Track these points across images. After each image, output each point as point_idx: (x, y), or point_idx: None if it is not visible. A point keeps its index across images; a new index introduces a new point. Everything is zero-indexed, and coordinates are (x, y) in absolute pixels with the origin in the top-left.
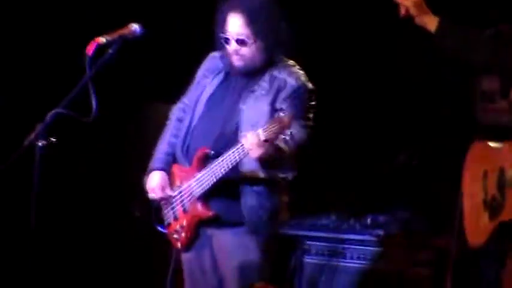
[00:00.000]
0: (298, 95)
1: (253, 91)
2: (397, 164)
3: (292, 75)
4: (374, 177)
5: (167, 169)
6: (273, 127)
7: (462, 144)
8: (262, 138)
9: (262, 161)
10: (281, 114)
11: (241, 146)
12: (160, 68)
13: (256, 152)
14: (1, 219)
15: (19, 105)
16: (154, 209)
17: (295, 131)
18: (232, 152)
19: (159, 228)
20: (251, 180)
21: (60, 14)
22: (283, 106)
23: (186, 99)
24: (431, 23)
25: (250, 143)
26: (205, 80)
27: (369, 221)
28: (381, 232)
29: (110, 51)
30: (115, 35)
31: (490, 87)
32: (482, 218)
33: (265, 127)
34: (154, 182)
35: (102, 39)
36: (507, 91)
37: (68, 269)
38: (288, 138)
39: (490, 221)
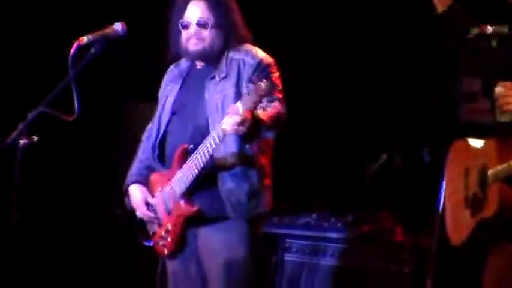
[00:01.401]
0: (261, 71)
1: (213, 77)
2: (394, 166)
3: (249, 53)
4: (355, 175)
5: (142, 180)
6: (250, 96)
7: (444, 143)
8: (241, 110)
9: (245, 136)
10: (257, 82)
11: (216, 132)
12: (144, 67)
13: (241, 129)
14: None
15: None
16: (138, 224)
17: (268, 104)
18: (208, 141)
19: (146, 243)
20: (227, 165)
21: (42, 14)
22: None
23: (154, 118)
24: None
25: (232, 123)
26: (167, 91)
27: (349, 219)
28: (361, 230)
29: (93, 50)
30: (97, 35)
31: (472, 88)
32: (463, 215)
33: (242, 98)
34: (137, 198)
35: (84, 39)
36: (489, 90)
37: (49, 271)
38: (265, 105)
39: (472, 218)
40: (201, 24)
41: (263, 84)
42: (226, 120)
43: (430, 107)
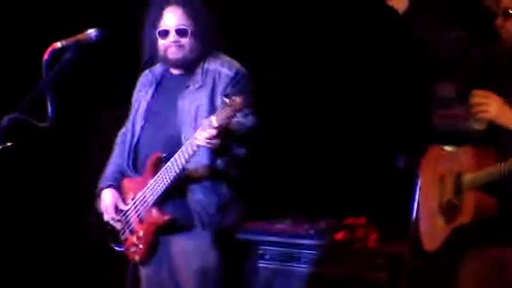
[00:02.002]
0: (236, 82)
1: (187, 87)
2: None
3: (225, 64)
4: (329, 181)
5: (116, 185)
6: (225, 111)
7: (418, 149)
8: (215, 124)
9: (217, 150)
10: (232, 97)
11: (189, 143)
12: (114, 73)
13: (214, 143)
14: None
15: None
16: (109, 229)
17: (242, 120)
18: (181, 152)
19: (116, 248)
20: (197, 176)
21: (16, 19)
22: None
23: (127, 123)
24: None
25: (206, 136)
26: (140, 95)
27: (323, 225)
28: (335, 237)
29: (66, 56)
30: (72, 40)
31: (446, 93)
32: (438, 222)
33: (217, 112)
34: (107, 202)
35: (58, 44)
36: (464, 96)
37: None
38: (240, 120)
39: (446, 225)
40: (181, 32)
41: (238, 99)
42: (199, 132)
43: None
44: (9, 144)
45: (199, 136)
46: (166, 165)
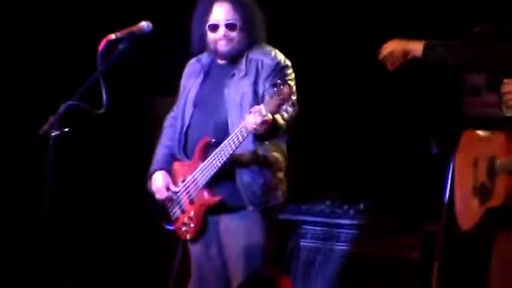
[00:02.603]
0: (278, 73)
1: (233, 75)
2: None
3: (267, 54)
4: (367, 165)
5: (167, 168)
6: (274, 100)
7: (450, 135)
8: (264, 112)
9: (263, 136)
10: (280, 86)
11: (239, 129)
12: (166, 63)
13: (260, 129)
14: (15, 209)
15: (33, 99)
16: (160, 209)
17: (289, 108)
18: (231, 138)
19: (167, 227)
20: (244, 161)
21: (74, 11)
22: (267, 84)
23: (176, 107)
24: (417, 49)
25: (254, 122)
26: (189, 83)
27: (361, 206)
28: (372, 217)
29: (121, 47)
30: (125, 32)
31: (476, 82)
32: (473, 203)
33: (266, 101)
34: (159, 183)
35: (112, 36)
36: (494, 84)
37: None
38: (287, 109)
39: (480, 206)
40: (230, 26)
41: (285, 88)
42: (248, 118)
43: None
44: (66, 129)
45: (248, 121)
46: (217, 149)
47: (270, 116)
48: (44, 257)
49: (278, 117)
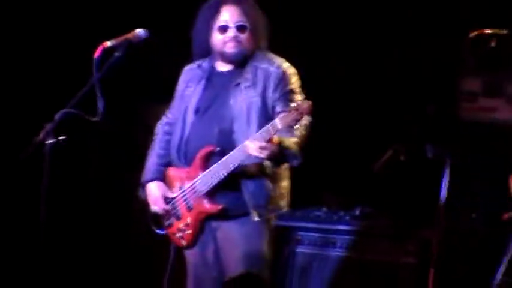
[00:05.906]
0: (285, 82)
1: (238, 84)
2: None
3: (273, 63)
4: (363, 171)
5: (160, 177)
6: (291, 114)
7: (446, 141)
8: (279, 126)
9: (270, 159)
10: (298, 102)
11: (248, 143)
12: (160, 70)
13: (263, 154)
14: (11, 216)
15: (28, 106)
16: (151, 214)
17: (302, 121)
18: (237, 150)
19: (158, 232)
20: (253, 172)
21: (69, 19)
22: (276, 95)
23: (170, 114)
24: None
25: (255, 148)
26: (189, 90)
27: (357, 212)
28: (368, 223)
29: (116, 54)
30: (121, 39)
31: (472, 87)
32: None
33: (282, 116)
34: (155, 194)
35: (108, 43)
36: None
37: (71, 265)
38: (300, 126)
39: None
40: (240, 27)
41: (305, 104)
42: (260, 134)
43: (431, 107)
44: (62, 137)
45: (249, 145)
46: (224, 159)
47: (275, 138)
48: (40, 260)
49: (287, 140)
